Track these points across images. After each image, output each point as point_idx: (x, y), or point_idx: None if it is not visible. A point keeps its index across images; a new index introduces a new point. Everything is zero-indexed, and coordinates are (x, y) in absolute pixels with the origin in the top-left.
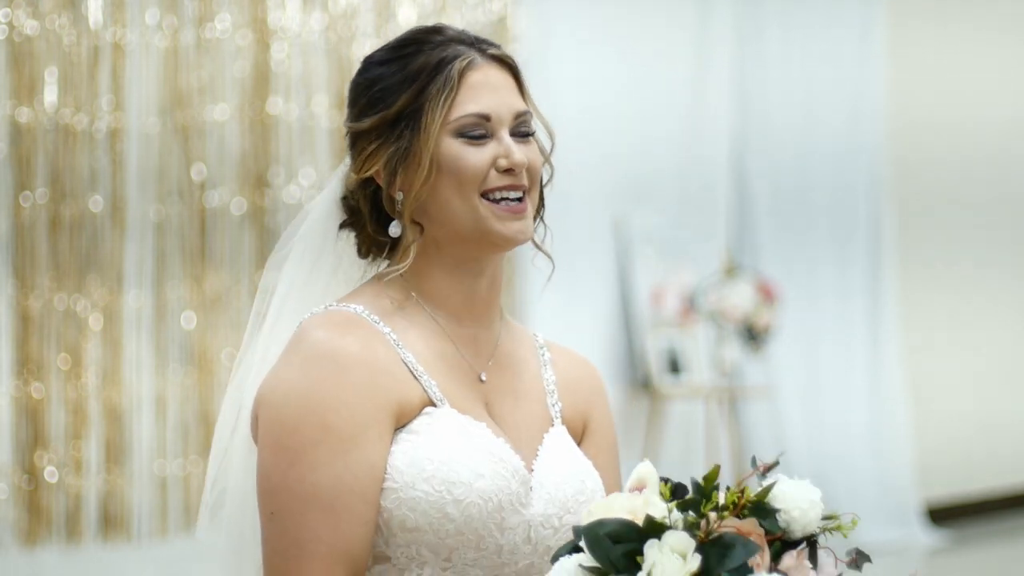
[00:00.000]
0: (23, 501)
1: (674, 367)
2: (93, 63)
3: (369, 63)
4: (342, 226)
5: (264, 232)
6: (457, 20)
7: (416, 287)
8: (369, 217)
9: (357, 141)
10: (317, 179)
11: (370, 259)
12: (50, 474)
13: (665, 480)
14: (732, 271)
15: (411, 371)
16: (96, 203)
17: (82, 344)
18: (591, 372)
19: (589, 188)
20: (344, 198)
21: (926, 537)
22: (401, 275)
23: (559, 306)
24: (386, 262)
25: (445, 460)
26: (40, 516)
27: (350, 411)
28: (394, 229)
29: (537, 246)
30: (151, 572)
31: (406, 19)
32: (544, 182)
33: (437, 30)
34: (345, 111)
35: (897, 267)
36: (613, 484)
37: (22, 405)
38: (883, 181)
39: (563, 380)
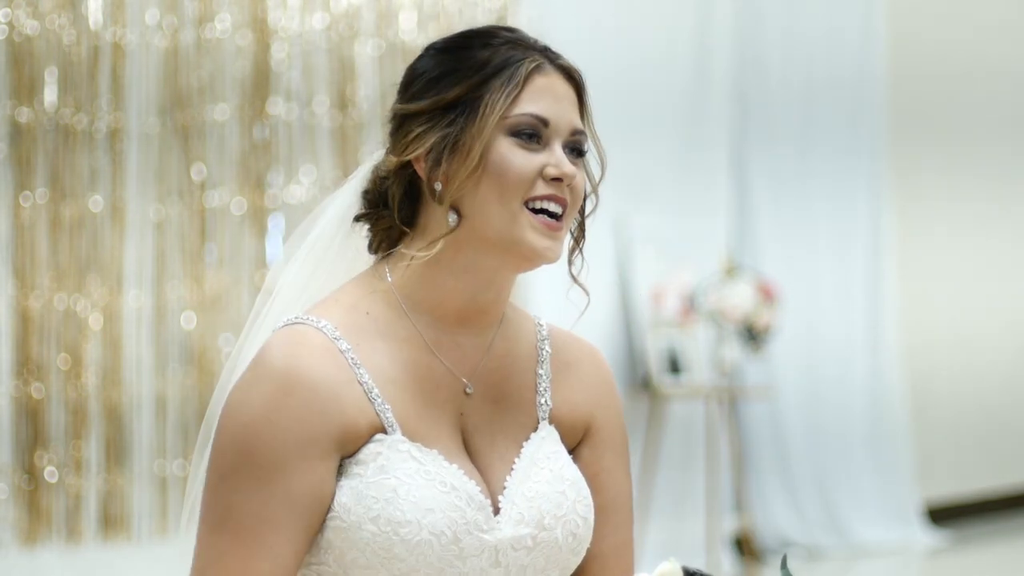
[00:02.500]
0: (23, 501)
1: (674, 367)
2: (93, 63)
3: (431, 49)
4: (358, 218)
5: (264, 232)
6: (456, 16)
7: (408, 291)
8: (399, 205)
9: (404, 123)
10: (318, 179)
11: (380, 255)
12: (50, 474)
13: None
14: (732, 271)
15: (366, 393)
16: (96, 203)
17: (82, 344)
18: (595, 365)
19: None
20: (366, 191)
21: (926, 537)
22: (392, 277)
23: (559, 306)
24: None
25: (390, 498)
26: (40, 516)
27: (281, 440)
28: (452, 218)
29: (574, 279)
30: (151, 572)
31: (407, 19)
32: (588, 212)
33: (509, 29)
34: (397, 95)
35: (897, 267)
36: (622, 485)
37: (22, 405)
38: (884, 181)
39: (560, 376)
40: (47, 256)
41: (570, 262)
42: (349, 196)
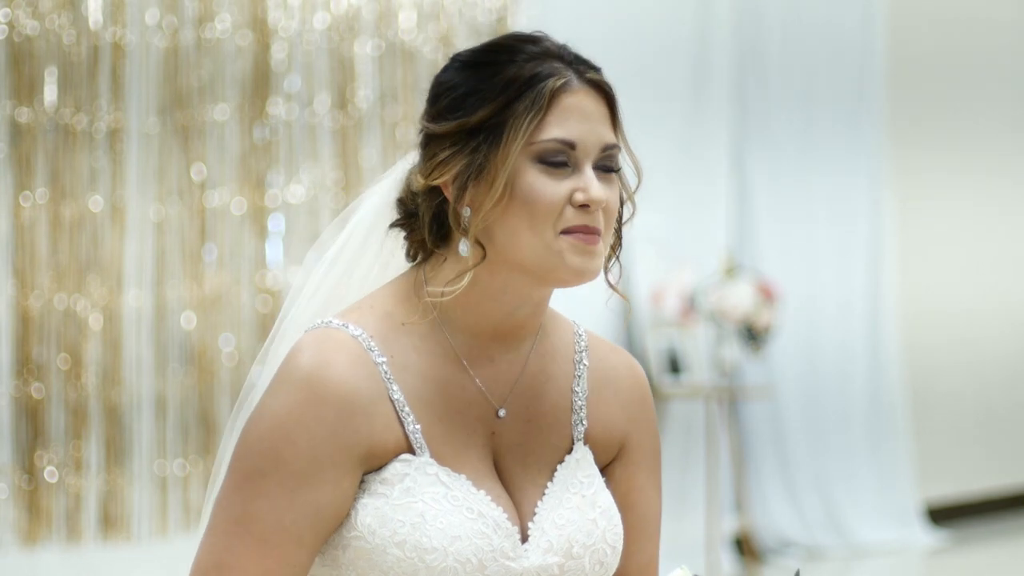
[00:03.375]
0: (23, 501)
1: (674, 367)
2: (93, 63)
3: (456, 61)
4: (393, 225)
5: (264, 232)
6: (456, 17)
7: (444, 307)
8: (428, 227)
9: (430, 144)
10: (319, 178)
11: (417, 262)
12: (50, 474)
13: None
14: (732, 271)
15: (397, 411)
16: (96, 203)
17: (82, 344)
18: (634, 380)
19: None
20: (400, 199)
21: (926, 537)
22: (429, 289)
23: (559, 306)
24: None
25: (417, 523)
26: (40, 516)
27: (309, 447)
28: (463, 248)
29: (612, 287)
30: (151, 572)
31: (407, 18)
32: (625, 220)
33: (535, 40)
34: (424, 107)
35: (898, 266)
36: (651, 504)
37: (22, 405)
38: (885, 180)
39: (597, 393)
40: (47, 256)
41: (606, 270)
42: (380, 198)
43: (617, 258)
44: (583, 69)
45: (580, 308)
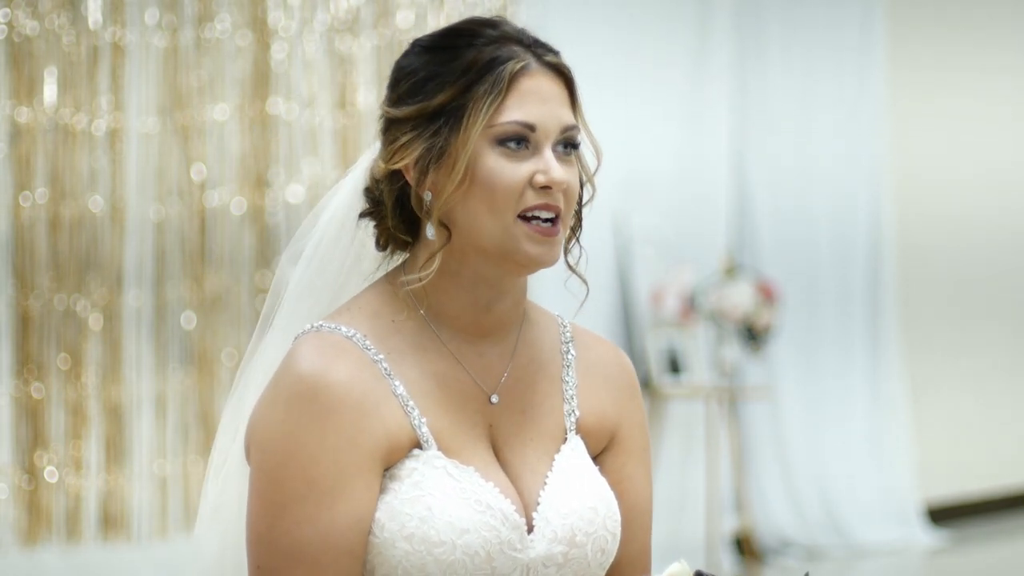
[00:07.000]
0: (23, 501)
1: (674, 367)
2: (92, 63)
3: (416, 46)
4: (362, 215)
5: (264, 232)
6: (456, 18)
7: (426, 299)
8: (391, 212)
9: (390, 128)
10: (321, 178)
11: (388, 251)
12: (50, 474)
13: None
14: (732, 271)
15: (402, 405)
16: (96, 203)
17: (82, 344)
18: (621, 369)
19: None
20: (367, 188)
21: (926, 537)
22: (406, 276)
23: (559, 306)
24: (401, 257)
25: (425, 517)
26: (40, 516)
27: (334, 461)
28: (429, 231)
29: (572, 269)
30: (151, 572)
31: (404, 19)
32: (585, 201)
33: (493, 24)
34: (384, 92)
35: (898, 270)
36: (642, 493)
37: (22, 405)
38: (886, 182)
39: (586, 383)
40: (47, 256)
41: (566, 251)
42: (348, 193)
43: (578, 240)
44: (541, 52)
45: (581, 310)
